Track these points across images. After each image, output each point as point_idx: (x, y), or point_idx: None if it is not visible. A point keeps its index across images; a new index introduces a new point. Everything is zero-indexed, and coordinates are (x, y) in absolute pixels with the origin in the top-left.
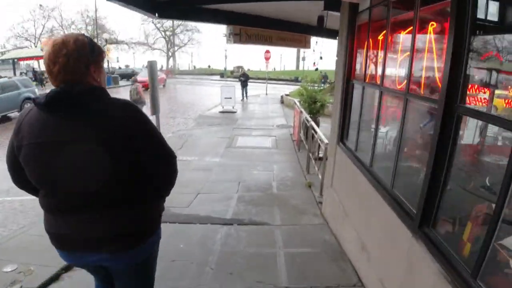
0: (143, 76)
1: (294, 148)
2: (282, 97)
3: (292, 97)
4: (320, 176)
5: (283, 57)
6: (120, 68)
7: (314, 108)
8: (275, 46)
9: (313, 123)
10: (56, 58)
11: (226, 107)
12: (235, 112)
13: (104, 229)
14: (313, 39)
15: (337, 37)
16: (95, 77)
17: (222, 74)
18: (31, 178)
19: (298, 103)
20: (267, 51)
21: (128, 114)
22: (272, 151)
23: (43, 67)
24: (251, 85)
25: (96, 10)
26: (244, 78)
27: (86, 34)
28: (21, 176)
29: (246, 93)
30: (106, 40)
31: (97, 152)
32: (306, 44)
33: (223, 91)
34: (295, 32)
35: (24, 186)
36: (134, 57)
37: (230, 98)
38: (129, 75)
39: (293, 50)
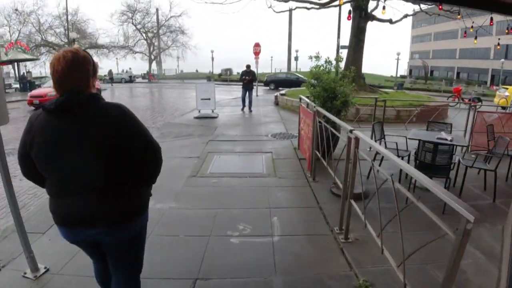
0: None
1: (304, 174)
2: (276, 97)
3: (289, 97)
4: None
5: (274, 59)
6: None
7: (333, 106)
8: None
9: (359, 133)
10: (69, 70)
11: (203, 111)
12: (215, 117)
13: (99, 208)
14: None
15: None
16: (93, 85)
17: (209, 78)
18: (41, 170)
19: (306, 100)
20: (257, 44)
21: (121, 113)
22: (268, 181)
23: None
24: (236, 88)
25: (67, 13)
26: (250, 77)
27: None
28: (30, 169)
29: (250, 101)
30: (74, 40)
31: (98, 145)
32: None
33: (199, 90)
34: None
35: (32, 177)
36: (118, 63)
37: (208, 99)
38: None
39: (284, 50)
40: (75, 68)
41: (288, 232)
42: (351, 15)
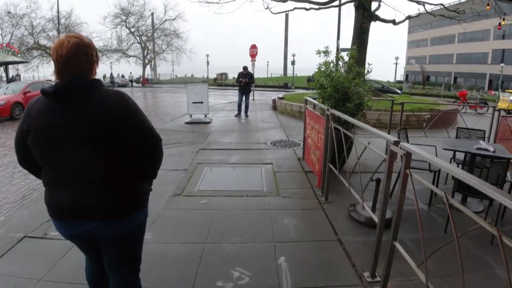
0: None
1: (314, 192)
2: (274, 101)
3: (289, 101)
4: None
5: (269, 64)
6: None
7: (346, 109)
8: None
9: (410, 147)
10: (73, 55)
11: (195, 115)
12: (208, 122)
13: (98, 200)
14: None
15: None
16: (94, 72)
17: (204, 82)
18: (37, 156)
19: (314, 102)
20: (253, 46)
21: (122, 100)
22: (270, 202)
23: None
24: (231, 92)
25: (58, 15)
26: (247, 79)
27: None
28: (27, 156)
29: (247, 105)
30: None
31: (97, 133)
32: None
33: (190, 93)
34: None
35: (28, 166)
36: (111, 67)
37: (201, 103)
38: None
39: (280, 55)
40: (80, 53)
41: (303, 283)
42: (354, 15)
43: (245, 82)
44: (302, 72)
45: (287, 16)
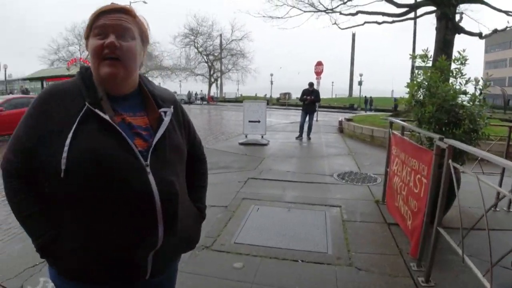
0: None
1: (405, 263)
2: (340, 123)
3: (358, 123)
4: None
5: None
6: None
7: (458, 134)
8: None
9: None
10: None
11: (251, 136)
12: (264, 144)
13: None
14: None
15: None
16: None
17: (267, 102)
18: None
19: (403, 124)
20: (319, 63)
21: (174, 98)
22: (336, 275)
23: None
24: (294, 112)
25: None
26: (312, 97)
27: None
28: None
29: (310, 127)
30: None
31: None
32: None
33: (247, 110)
34: None
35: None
36: (180, 84)
37: (258, 122)
38: None
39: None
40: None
41: None
42: (436, 26)
43: (310, 100)
44: (369, 93)
45: (354, 36)
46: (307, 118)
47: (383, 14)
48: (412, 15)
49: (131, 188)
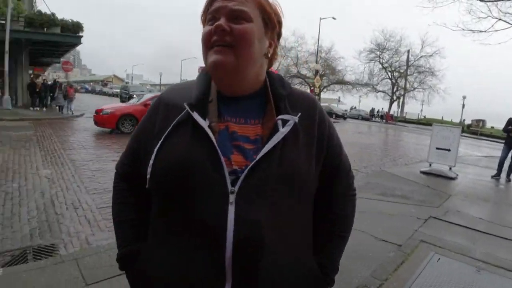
0: None
1: None
2: None
3: None
4: None
5: None
6: None
7: None
8: None
9: None
10: None
11: (436, 165)
12: (452, 178)
13: None
14: None
15: None
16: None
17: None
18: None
19: None
20: None
21: (314, 103)
22: None
23: None
24: (487, 143)
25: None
26: None
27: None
28: None
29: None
30: (317, 72)
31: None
32: None
33: (435, 135)
34: None
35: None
36: (360, 100)
37: (448, 150)
38: None
39: None
40: None
41: None
42: None
43: None
44: None
45: None
46: (510, 154)
47: None
48: None
49: (201, 218)
